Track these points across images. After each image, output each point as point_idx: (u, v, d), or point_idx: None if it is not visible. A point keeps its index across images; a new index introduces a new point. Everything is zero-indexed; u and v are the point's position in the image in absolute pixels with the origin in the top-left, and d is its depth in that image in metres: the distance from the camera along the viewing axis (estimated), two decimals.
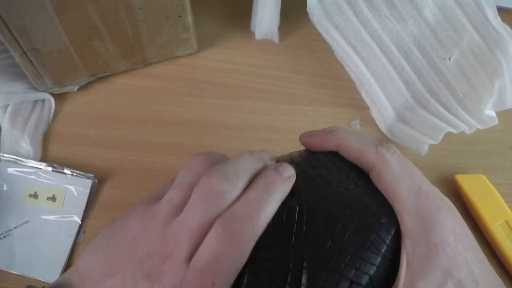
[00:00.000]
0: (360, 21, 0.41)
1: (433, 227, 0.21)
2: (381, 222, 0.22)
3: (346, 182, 0.23)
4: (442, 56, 0.41)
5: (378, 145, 0.24)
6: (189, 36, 0.43)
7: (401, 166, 0.23)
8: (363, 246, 0.21)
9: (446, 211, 0.22)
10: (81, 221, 0.37)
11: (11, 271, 0.34)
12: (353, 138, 0.25)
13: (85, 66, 0.42)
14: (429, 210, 0.22)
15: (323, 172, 0.23)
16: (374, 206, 0.22)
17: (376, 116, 0.42)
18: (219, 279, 0.20)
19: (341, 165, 0.24)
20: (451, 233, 0.21)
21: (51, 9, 0.35)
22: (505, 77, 0.39)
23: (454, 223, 0.22)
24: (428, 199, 0.22)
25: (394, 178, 0.23)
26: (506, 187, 0.39)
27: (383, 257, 0.21)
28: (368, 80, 0.41)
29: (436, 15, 0.41)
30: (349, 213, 0.22)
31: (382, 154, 0.23)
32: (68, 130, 0.42)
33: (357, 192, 0.23)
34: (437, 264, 0.21)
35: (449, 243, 0.21)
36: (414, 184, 0.23)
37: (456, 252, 0.21)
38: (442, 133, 0.39)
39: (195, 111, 0.43)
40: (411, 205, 0.22)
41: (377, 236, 0.21)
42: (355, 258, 0.21)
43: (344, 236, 0.21)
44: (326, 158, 0.25)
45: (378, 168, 0.23)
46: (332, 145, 0.25)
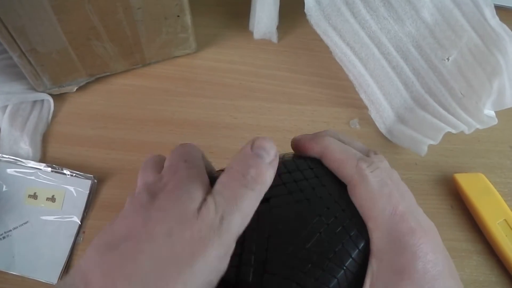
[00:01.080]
0: (358, 22, 0.41)
1: (402, 251, 0.20)
2: (350, 234, 0.21)
3: (320, 190, 0.22)
4: (440, 56, 0.41)
5: (359, 159, 0.23)
6: (187, 36, 0.43)
7: (379, 184, 0.22)
8: (326, 257, 0.20)
9: (420, 235, 0.21)
10: (81, 221, 0.37)
11: (11, 272, 0.34)
12: (337, 148, 0.24)
13: (83, 67, 0.42)
14: (402, 232, 0.21)
15: (297, 177, 0.23)
16: (345, 217, 0.22)
17: (375, 116, 0.41)
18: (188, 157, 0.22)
19: (319, 172, 0.23)
20: (420, 260, 0.20)
21: (49, 9, 0.35)
22: (503, 76, 0.39)
23: (427, 249, 0.21)
24: (403, 221, 0.21)
25: (369, 196, 0.22)
26: (505, 186, 0.39)
27: (346, 271, 0.20)
28: (367, 80, 0.41)
29: (434, 15, 0.41)
30: (317, 221, 0.21)
31: (361, 169, 0.22)
32: (67, 130, 0.42)
33: (329, 201, 0.22)
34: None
35: (417, 270, 0.20)
36: (390, 204, 0.22)
37: (423, 281, 0.20)
38: (441, 133, 0.39)
39: (194, 111, 0.43)
40: (383, 225, 0.21)
41: (342, 247, 0.21)
42: (316, 268, 0.20)
43: (307, 244, 0.20)
44: (305, 163, 0.24)
45: (355, 182, 0.22)
46: (315, 152, 0.25)
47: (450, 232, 0.37)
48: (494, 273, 0.35)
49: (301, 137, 0.26)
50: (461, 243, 0.37)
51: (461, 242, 0.37)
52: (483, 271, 0.35)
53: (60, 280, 0.20)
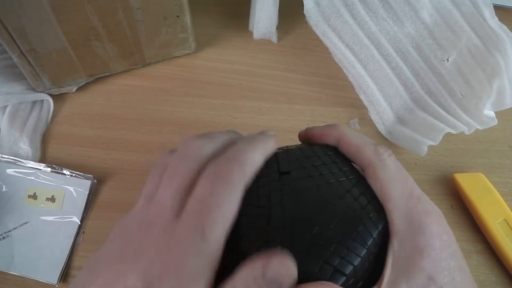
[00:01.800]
0: (357, 23, 0.41)
1: (421, 230, 0.22)
2: (369, 215, 0.22)
3: (338, 174, 0.23)
4: (440, 57, 0.41)
5: (377, 145, 0.24)
6: (187, 36, 0.43)
7: (396, 168, 0.24)
8: (350, 236, 0.21)
9: (435, 217, 0.22)
10: (81, 221, 0.37)
11: (11, 272, 0.34)
12: (353, 135, 0.25)
13: (83, 67, 0.42)
14: (419, 213, 0.22)
15: (316, 162, 0.24)
16: (364, 200, 0.23)
17: (374, 118, 0.41)
18: (210, 224, 0.19)
19: (335, 158, 0.25)
20: (437, 239, 0.22)
21: (49, 9, 0.35)
22: (503, 77, 0.39)
23: (442, 229, 0.22)
24: (419, 203, 0.22)
25: (388, 178, 0.23)
26: (505, 186, 0.39)
27: (368, 250, 0.21)
28: (366, 82, 0.41)
29: (433, 16, 0.41)
30: (338, 203, 0.22)
31: (380, 153, 0.24)
32: (67, 130, 0.42)
33: (348, 185, 0.23)
34: (421, 267, 0.21)
35: (434, 248, 0.21)
36: (407, 187, 0.23)
37: (441, 258, 0.21)
38: (441, 134, 0.39)
39: (194, 111, 0.43)
40: (402, 206, 0.22)
41: (364, 228, 0.22)
42: (341, 247, 0.21)
43: (331, 224, 0.21)
44: (321, 150, 0.25)
45: (374, 166, 0.23)
46: (332, 138, 0.26)
47: None
48: (494, 272, 0.35)
49: (314, 127, 0.27)
50: (461, 242, 0.37)
51: (461, 242, 0.37)
52: (483, 270, 0.35)
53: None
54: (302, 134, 0.27)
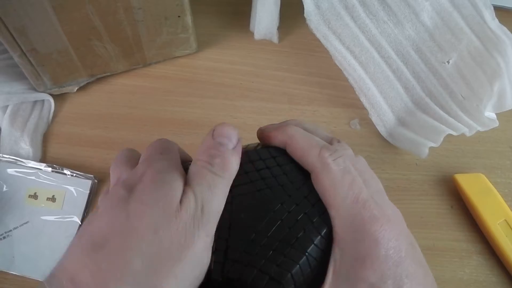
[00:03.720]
0: (358, 26, 0.41)
1: (364, 238, 0.20)
2: (312, 221, 0.21)
3: (282, 178, 0.23)
4: (440, 59, 0.41)
5: (322, 147, 0.23)
6: (188, 36, 0.43)
7: (341, 172, 0.22)
8: (288, 243, 0.20)
9: (382, 222, 0.21)
10: (81, 221, 0.37)
11: (11, 272, 0.34)
12: (300, 137, 0.24)
13: (84, 67, 0.42)
14: (363, 220, 0.21)
15: (259, 166, 0.23)
16: (308, 204, 0.22)
17: (375, 120, 0.41)
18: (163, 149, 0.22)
19: (282, 161, 0.24)
20: (382, 246, 0.20)
21: (50, 9, 0.35)
22: (504, 78, 0.39)
23: (390, 235, 0.21)
24: (365, 209, 0.21)
25: (331, 184, 0.22)
26: (505, 186, 0.39)
27: (308, 257, 0.20)
28: (367, 84, 0.41)
29: (434, 18, 0.41)
30: (278, 208, 0.21)
31: (323, 157, 0.22)
32: (68, 130, 0.42)
33: (291, 189, 0.22)
34: (363, 277, 0.20)
35: (378, 256, 0.20)
36: (352, 192, 0.21)
37: (385, 267, 0.20)
38: (442, 135, 0.39)
39: (194, 111, 0.43)
40: (345, 213, 0.21)
41: (304, 234, 0.21)
42: (277, 254, 0.20)
43: (269, 231, 0.21)
44: (268, 153, 0.24)
45: (317, 171, 0.22)
46: (278, 141, 0.25)
47: (450, 232, 0.37)
48: (494, 273, 0.35)
49: (266, 127, 0.26)
50: (461, 243, 0.37)
51: (461, 242, 0.37)
52: (483, 271, 0.35)
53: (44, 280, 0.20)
54: (258, 135, 0.27)
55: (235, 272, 0.20)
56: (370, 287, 0.20)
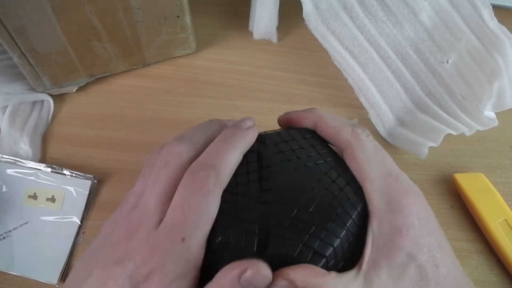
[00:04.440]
0: (356, 26, 0.41)
1: (399, 209, 0.22)
2: (348, 197, 0.22)
3: (316, 157, 0.24)
4: (439, 59, 0.41)
5: (354, 126, 0.24)
6: (187, 36, 0.43)
7: (374, 148, 0.24)
8: (329, 218, 0.21)
9: (413, 195, 0.23)
10: (81, 222, 0.37)
11: (10, 272, 0.34)
12: (331, 117, 0.25)
13: (83, 67, 0.42)
14: (397, 193, 0.22)
15: (293, 146, 0.24)
16: (342, 182, 0.23)
17: (375, 120, 0.41)
18: (189, 232, 0.20)
19: (312, 141, 0.25)
20: (416, 217, 0.22)
21: (49, 10, 0.35)
22: (503, 78, 0.39)
23: (420, 207, 0.22)
24: (397, 183, 0.23)
25: (366, 158, 0.23)
26: (505, 186, 0.39)
27: (347, 231, 0.21)
28: (366, 84, 0.41)
29: (433, 18, 0.41)
30: (316, 185, 0.22)
31: (357, 134, 0.24)
32: (67, 131, 0.42)
33: (326, 167, 0.23)
34: (400, 246, 0.21)
35: (413, 226, 0.22)
36: (385, 167, 0.23)
37: (420, 236, 0.21)
38: (441, 135, 0.39)
39: (194, 111, 0.43)
40: (380, 186, 0.22)
41: (343, 209, 0.22)
42: (320, 229, 0.21)
43: (310, 207, 0.21)
44: (299, 133, 0.25)
45: (352, 147, 0.23)
46: (309, 121, 0.26)
47: (450, 232, 0.37)
48: (494, 272, 0.35)
49: (293, 111, 0.27)
50: (461, 242, 0.37)
51: (461, 241, 0.37)
52: (483, 270, 0.35)
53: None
54: (281, 119, 0.28)
55: (281, 247, 0.21)
56: (407, 255, 0.21)
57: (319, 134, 0.26)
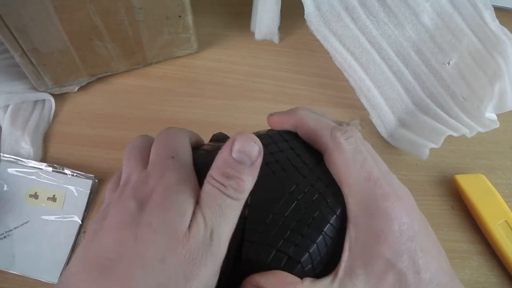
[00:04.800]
0: (358, 27, 0.41)
1: (377, 214, 0.21)
2: (327, 200, 0.22)
3: (295, 160, 0.23)
4: (441, 60, 0.41)
5: (334, 128, 0.23)
6: (189, 36, 0.44)
7: (353, 151, 0.23)
8: (305, 223, 0.21)
9: (394, 199, 0.21)
10: (82, 221, 0.37)
11: (11, 271, 0.34)
12: (311, 119, 0.24)
13: (85, 66, 0.42)
14: (376, 197, 0.21)
15: (273, 149, 0.23)
16: (321, 185, 0.22)
17: (376, 121, 0.41)
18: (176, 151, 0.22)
19: (293, 144, 0.24)
20: (396, 222, 0.21)
21: (51, 9, 0.35)
22: (505, 79, 0.39)
23: (401, 211, 0.21)
24: (376, 186, 0.22)
25: (344, 163, 0.22)
26: (506, 187, 0.39)
27: (325, 236, 0.21)
28: (368, 85, 0.41)
29: (434, 20, 0.41)
30: (294, 189, 0.22)
31: (335, 137, 0.23)
32: (68, 130, 0.42)
33: (305, 170, 0.23)
34: (379, 253, 0.20)
35: (392, 232, 0.21)
36: (364, 170, 0.22)
37: (399, 242, 0.21)
38: (443, 136, 0.39)
39: (195, 111, 0.43)
40: (358, 191, 0.22)
41: (320, 214, 0.21)
42: (295, 234, 0.21)
43: (286, 212, 0.21)
44: (280, 136, 0.24)
45: (330, 150, 0.23)
46: (289, 124, 0.25)
47: (451, 233, 0.37)
48: (494, 274, 0.35)
49: (276, 112, 0.26)
50: (461, 244, 0.37)
51: (461, 243, 0.37)
52: (483, 272, 0.35)
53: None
54: (267, 120, 0.27)
55: (254, 252, 0.20)
56: (386, 262, 0.20)
57: (301, 137, 0.25)
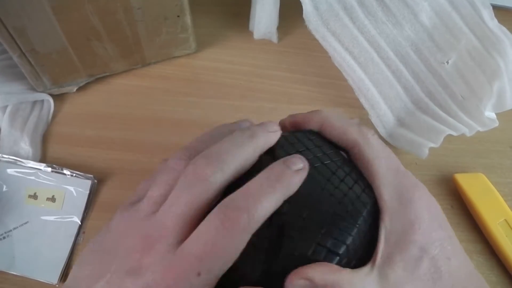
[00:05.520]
0: (356, 27, 0.41)
1: (410, 203, 0.22)
2: (357, 194, 0.23)
3: (323, 157, 0.24)
4: (440, 59, 0.41)
5: (359, 125, 0.25)
6: (187, 36, 0.43)
7: (381, 146, 0.24)
8: (340, 217, 0.22)
9: (422, 190, 0.23)
10: (81, 221, 0.37)
11: (11, 272, 0.34)
12: (337, 117, 0.26)
13: (83, 67, 0.42)
14: (407, 187, 0.23)
15: (300, 148, 0.24)
16: (351, 180, 0.23)
17: (375, 121, 0.41)
18: (207, 269, 0.19)
19: (318, 142, 0.25)
20: (426, 211, 0.22)
21: (49, 10, 0.35)
22: (503, 78, 0.39)
23: (429, 201, 0.23)
24: (406, 177, 0.23)
25: (375, 155, 0.24)
26: (505, 186, 0.39)
27: (359, 229, 0.22)
28: (366, 85, 0.41)
29: (433, 19, 0.41)
30: (326, 185, 0.22)
31: (364, 133, 0.24)
32: (67, 130, 0.42)
33: (333, 167, 0.23)
34: (413, 240, 0.21)
35: (424, 220, 0.22)
36: (393, 163, 0.24)
37: (431, 229, 0.22)
38: (442, 136, 0.39)
39: (194, 111, 0.43)
40: (389, 181, 0.23)
41: (353, 207, 0.22)
42: (332, 228, 0.21)
43: (321, 207, 0.22)
44: (304, 135, 0.25)
45: (360, 145, 0.24)
46: (315, 123, 0.26)
47: None
48: (494, 273, 0.35)
49: (297, 114, 0.27)
50: (461, 243, 0.36)
51: (461, 242, 0.36)
52: (483, 271, 0.35)
53: None
54: (286, 122, 0.28)
55: (294, 247, 0.21)
56: (420, 249, 0.21)
57: (325, 135, 0.26)
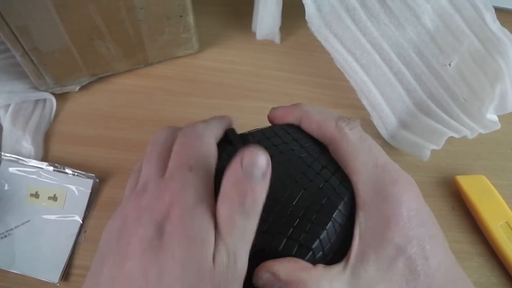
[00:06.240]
0: (359, 28, 0.41)
1: (387, 200, 0.21)
2: (333, 187, 0.22)
3: (299, 150, 0.23)
4: (442, 62, 0.41)
5: (338, 119, 0.24)
6: (190, 36, 0.44)
7: (359, 140, 0.23)
8: (313, 210, 0.21)
9: (403, 184, 0.22)
10: (82, 220, 0.37)
11: (12, 271, 0.34)
12: (315, 112, 0.25)
13: (86, 66, 0.42)
14: (384, 183, 0.22)
15: (276, 142, 0.24)
16: (327, 173, 0.23)
17: (377, 122, 0.41)
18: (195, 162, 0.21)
19: (296, 135, 0.24)
20: (405, 208, 0.21)
21: (52, 9, 0.35)
22: (506, 81, 0.39)
23: (410, 197, 0.22)
24: (384, 172, 0.22)
25: (351, 151, 0.23)
26: (507, 188, 0.39)
27: (334, 222, 0.21)
28: (368, 87, 0.41)
29: (435, 21, 0.41)
30: (300, 178, 0.22)
31: (341, 127, 0.24)
32: (69, 129, 0.42)
33: (309, 159, 0.23)
34: (389, 238, 0.21)
35: (402, 217, 0.21)
36: (372, 156, 0.23)
37: (409, 227, 0.21)
38: (444, 138, 0.39)
39: (196, 111, 0.43)
40: (366, 177, 0.22)
41: (328, 200, 0.21)
42: (304, 221, 0.21)
43: (294, 200, 0.21)
44: (282, 129, 0.25)
45: (337, 140, 0.23)
46: (293, 117, 0.25)
47: (451, 234, 0.37)
48: (495, 275, 0.35)
49: (279, 107, 0.27)
50: (462, 244, 0.37)
51: (462, 244, 0.37)
52: (484, 273, 0.35)
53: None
54: (268, 116, 0.28)
55: (265, 241, 0.20)
56: (396, 247, 0.20)
57: (304, 129, 0.25)
